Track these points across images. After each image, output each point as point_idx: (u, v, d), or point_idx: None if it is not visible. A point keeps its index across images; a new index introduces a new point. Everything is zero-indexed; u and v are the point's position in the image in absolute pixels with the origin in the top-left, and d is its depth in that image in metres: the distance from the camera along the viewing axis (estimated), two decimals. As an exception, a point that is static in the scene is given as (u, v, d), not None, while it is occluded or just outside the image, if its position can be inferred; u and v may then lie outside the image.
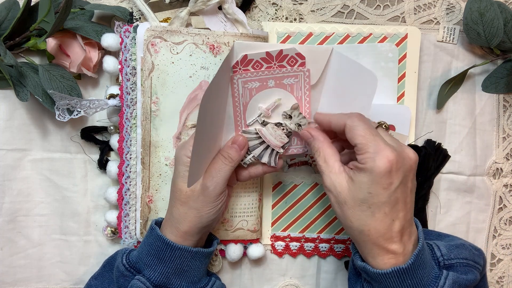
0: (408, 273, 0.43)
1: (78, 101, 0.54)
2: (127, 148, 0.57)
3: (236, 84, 0.49)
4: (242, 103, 0.50)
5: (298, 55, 0.50)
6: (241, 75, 0.49)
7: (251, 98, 0.51)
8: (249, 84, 0.50)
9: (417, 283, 0.43)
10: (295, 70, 0.50)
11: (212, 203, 0.49)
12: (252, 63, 0.49)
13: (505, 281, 0.64)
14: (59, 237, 0.61)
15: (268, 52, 0.48)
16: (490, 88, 0.61)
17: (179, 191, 0.49)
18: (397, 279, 0.43)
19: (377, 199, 0.43)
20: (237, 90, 0.50)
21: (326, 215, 0.61)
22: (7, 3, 0.55)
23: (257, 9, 0.60)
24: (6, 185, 0.59)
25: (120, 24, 0.57)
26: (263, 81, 0.50)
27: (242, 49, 0.48)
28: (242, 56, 0.48)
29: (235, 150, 0.50)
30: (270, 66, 0.49)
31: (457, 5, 0.61)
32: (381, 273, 0.43)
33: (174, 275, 0.49)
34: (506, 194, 0.63)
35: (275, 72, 0.50)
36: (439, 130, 0.62)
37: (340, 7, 0.60)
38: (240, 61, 0.48)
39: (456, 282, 0.44)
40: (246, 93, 0.50)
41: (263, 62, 0.49)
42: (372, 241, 0.44)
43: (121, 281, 0.50)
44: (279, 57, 0.49)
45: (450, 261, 0.47)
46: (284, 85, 0.51)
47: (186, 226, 0.49)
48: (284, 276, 0.63)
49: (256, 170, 0.53)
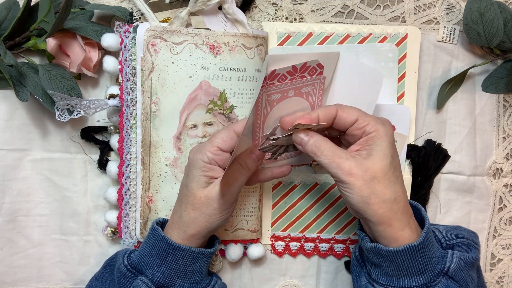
0: (419, 250, 0.44)
1: (78, 101, 0.54)
2: (127, 148, 0.57)
3: (260, 98, 0.49)
4: (263, 114, 0.50)
5: (318, 65, 0.50)
6: (266, 89, 0.48)
7: (272, 109, 0.50)
8: (272, 97, 0.49)
9: (426, 261, 0.45)
10: (313, 79, 0.50)
11: (225, 210, 0.49)
12: (278, 77, 0.48)
13: (505, 281, 0.64)
14: (59, 237, 0.61)
15: (294, 66, 0.48)
16: (490, 88, 0.61)
17: (192, 196, 0.49)
18: (409, 257, 0.44)
19: (396, 161, 0.46)
20: (261, 103, 0.49)
21: (326, 215, 0.62)
22: (7, 3, 0.55)
23: (257, 9, 0.60)
24: (6, 185, 0.59)
25: (120, 24, 0.57)
26: (284, 93, 0.49)
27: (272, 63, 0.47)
28: (271, 72, 0.47)
29: (253, 160, 0.49)
30: (293, 78, 0.49)
31: (457, 5, 0.61)
32: (394, 251, 0.44)
33: (177, 275, 0.49)
34: (506, 194, 0.63)
35: (296, 83, 0.50)
36: (439, 130, 0.62)
37: (340, 7, 0.60)
38: (268, 76, 0.47)
39: (462, 259, 0.46)
40: (268, 105, 0.49)
41: (288, 75, 0.48)
42: (402, 207, 0.45)
43: (123, 282, 0.50)
44: (302, 69, 0.49)
45: (452, 241, 0.49)
46: (301, 93, 0.51)
47: (195, 230, 0.49)
48: (284, 276, 0.63)
49: (265, 176, 0.53)
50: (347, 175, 0.44)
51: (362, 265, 0.51)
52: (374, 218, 0.45)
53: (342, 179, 0.45)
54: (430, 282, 0.45)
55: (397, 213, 0.45)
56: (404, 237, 0.45)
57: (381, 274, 0.47)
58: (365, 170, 0.44)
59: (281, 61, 0.47)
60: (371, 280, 0.49)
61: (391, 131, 0.46)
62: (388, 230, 0.45)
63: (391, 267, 0.46)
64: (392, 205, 0.45)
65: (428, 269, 0.45)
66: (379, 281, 0.48)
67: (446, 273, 0.45)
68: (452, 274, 0.45)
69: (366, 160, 0.45)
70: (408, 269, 0.45)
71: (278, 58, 0.46)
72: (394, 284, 0.46)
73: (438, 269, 0.45)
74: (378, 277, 0.48)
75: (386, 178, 0.45)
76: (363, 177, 0.44)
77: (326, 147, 0.46)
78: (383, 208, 0.45)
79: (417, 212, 0.48)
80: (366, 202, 0.44)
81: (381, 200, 0.44)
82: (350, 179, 0.44)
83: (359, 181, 0.44)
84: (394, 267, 0.45)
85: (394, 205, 0.45)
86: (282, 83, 0.49)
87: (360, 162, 0.45)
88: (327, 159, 0.46)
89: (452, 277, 0.45)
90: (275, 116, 0.51)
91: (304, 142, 0.47)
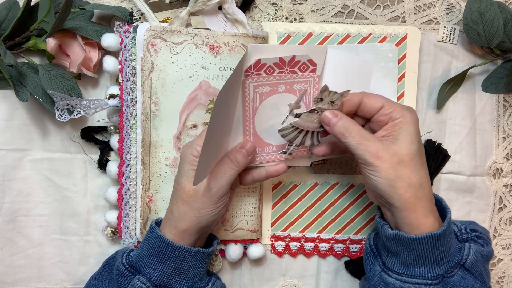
0: (440, 239, 0.44)
1: (78, 101, 0.54)
2: (127, 148, 0.57)
3: (247, 88, 0.49)
4: (252, 107, 0.50)
5: (310, 62, 0.50)
6: (252, 79, 0.49)
7: (261, 103, 0.50)
8: (260, 89, 0.49)
9: (445, 251, 0.45)
10: (306, 76, 0.50)
11: (214, 205, 0.49)
12: (265, 67, 0.48)
13: (505, 281, 0.64)
14: (59, 237, 0.61)
15: (281, 58, 0.48)
16: (490, 88, 0.61)
17: (182, 190, 0.49)
18: (430, 245, 0.45)
19: (421, 147, 0.46)
20: (248, 94, 0.49)
21: (326, 215, 0.62)
22: (7, 3, 0.55)
23: (257, 9, 0.60)
24: (6, 185, 0.59)
25: (120, 24, 0.57)
26: (273, 86, 0.50)
27: (256, 52, 0.47)
28: (256, 61, 0.47)
29: (243, 155, 0.49)
30: (282, 71, 0.49)
31: (457, 5, 0.61)
32: (416, 238, 0.44)
33: (174, 275, 0.49)
34: (506, 194, 0.63)
35: (285, 78, 0.50)
36: (439, 130, 0.62)
37: (340, 7, 0.60)
38: (253, 65, 0.48)
39: (478, 252, 0.47)
40: (256, 97, 0.50)
41: (276, 67, 0.49)
42: (427, 194, 0.46)
43: (121, 281, 0.50)
44: (291, 63, 0.49)
45: (468, 234, 0.50)
46: (294, 90, 0.51)
47: (185, 225, 0.49)
48: (284, 276, 0.63)
49: (259, 174, 0.53)
50: (374, 157, 0.45)
51: (376, 254, 0.52)
52: (399, 203, 0.45)
53: (369, 161, 0.45)
54: (446, 272, 0.46)
55: (422, 200, 0.45)
56: (427, 224, 0.45)
57: (398, 263, 0.47)
58: (392, 154, 0.45)
59: (265, 51, 0.47)
60: (386, 269, 0.49)
61: (416, 118, 0.47)
62: (413, 216, 0.45)
63: (410, 255, 0.46)
64: (417, 191, 0.45)
65: (446, 260, 0.45)
66: (395, 270, 0.48)
67: (463, 264, 0.46)
68: (469, 266, 0.46)
69: (394, 144, 0.45)
70: (427, 258, 0.45)
71: (262, 48, 0.47)
72: (411, 273, 0.46)
73: (455, 260, 0.46)
74: (394, 266, 0.48)
75: (413, 163, 0.45)
76: (390, 160, 0.45)
77: (355, 129, 0.46)
78: (409, 193, 0.45)
79: (437, 203, 0.49)
80: (392, 185, 0.45)
81: (407, 184, 0.45)
82: (377, 162, 0.45)
83: (386, 164, 0.45)
84: (413, 256, 0.46)
85: (419, 191, 0.45)
86: (270, 75, 0.49)
87: (387, 146, 0.45)
88: (355, 140, 0.46)
89: (468, 269, 0.46)
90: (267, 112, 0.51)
91: (333, 123, 0.47)
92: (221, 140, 0.49)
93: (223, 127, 0.48)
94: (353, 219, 0.61)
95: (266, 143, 0.53)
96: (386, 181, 0.45)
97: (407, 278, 0.46)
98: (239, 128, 0.51)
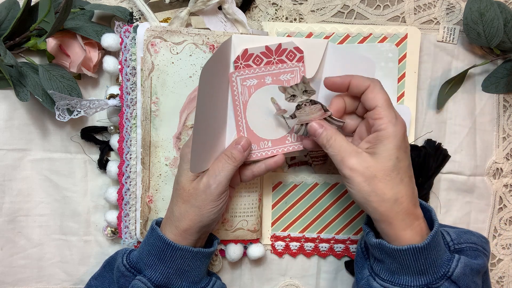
0: (422, 252, 0.44)
1: (78, 101, 0.54)
2: (127, 148, 0.57)
3: (234, 82, 0.49)
4: (242, 101, 0.50)
5: (297, 49, 0.50)
6: (239, 72, 0.49)
7: (250, 97, 0.51)
8: (247, 82, 0.50)
9: (430, 263, 0.45)
10: (291, 66, 0.51)
11: (214, 202, 0.49)
12: (253, 57, 0.48)
13: (505, 281, 0.64)
14: (59, 237, 0.61)
15: (267, 46, 0.48)
16: (490, 88, 0.61)
17: (182, 189, 0.50)
18: (411, 257, 0.45)
19: (403, 164, 0.46)
20: (236, 88, 0.50)
21: (326, 215, 0.62)
22: (7, 3, 0.55)
23: (257, 9, 0.60)
24: (6, 185, 0.59)
25: (120, 24, 0.57)
26: (260, 78, 0.50)
27: (242, 42, 0.48)
28: (243, 51, 0.48)
29: (239, 151, 0.50)
30: (270, 60, 0.49)
31: (457, 5, 0.61)
32: (396, 249, 0.45)
33: (175, 275, 0.49)
34: (506, 194, 0.63)
35: (271, 69, 0.50)
36: (439, 130, 0.62)
37: (340, 7, 0.60)
38: (241, 55, 0.48)
39: (467, 266, 0.46)
40: (244, 91, 0.50)
41: (263, 56, 0.49)
42: (405, 209, 0.45)
43: (122, 281, 0.50)
44: (278, 51, 0.49)
45: (460, 245, 0.49)
46: (281, 81, 0.51)
47: (186, 225, 0.49)
48: (284, 276, 0.63)
49: (258, 169, 0.53)
50: (349, 170, 0.46)
51: (366, 257, 0.52)
52: (374, 215, 0.46)
53: (343, 173, 0.47)
54: (431, 283, 0.45)
55: (399, 214, 0.45)
56: (405, 237, 0.45)
57: (384, 269, 0.48)
58: (366, 167, 0.45)
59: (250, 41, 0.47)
60: (374, 274, 0.49)
61: (401, 133, 0.46)
62: (389, 228, 0.46)
63: (393, 263, 0.46)
64: (392, 206, 0.45)
65: (431, 271, 0.45)
66: (381, 276, 0.48)
67: (449, 277, 0.45)
68: (456, 279, 0.45)
69: (371, 158, 0.46)
70: (410, 268, 0.45)
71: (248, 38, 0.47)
72: (396, 280, 0.47)
73: (441, 272, 0.45)
74: (380, 272, 0.48)
75: (388, 179, 0.45)
76: (363, 174, 0.45)
77: (337, 140, 0.48)
78: (383, 207, 0.45)
79: (427, 214, 0.48)
80: (366, 198, 0.46)
81: (380, 199, 0.45)
82: (351, 174, 0.46)
83: (360, 177, 0.45)
84: (397, 264, 0.46)
85: (395, 206, 0.45)
86: (255, 68, 0.49)
87: (364, 159, 0.46)
88: (333, 152, 0.47)
89: (455, 282, 0.45)
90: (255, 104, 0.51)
91: (318, 133, 0.49)
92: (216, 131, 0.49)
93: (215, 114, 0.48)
94: (353, 219, 0.61)
95: (261, 139, 0.53)
96: (360, 194, 0.46)
97: (392, 285, 0.47)
98: (233, 124, 0.52)
